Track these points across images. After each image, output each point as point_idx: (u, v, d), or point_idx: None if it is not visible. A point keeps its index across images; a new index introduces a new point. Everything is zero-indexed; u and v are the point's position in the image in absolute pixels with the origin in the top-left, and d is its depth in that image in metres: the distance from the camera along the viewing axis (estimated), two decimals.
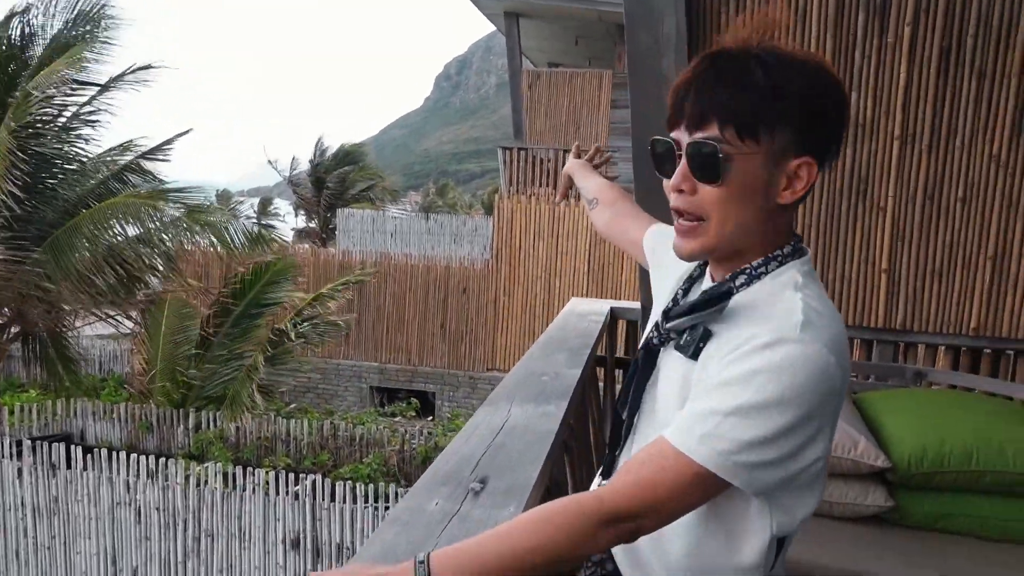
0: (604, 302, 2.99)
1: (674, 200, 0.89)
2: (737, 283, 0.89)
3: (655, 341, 0.95)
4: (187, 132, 8.99)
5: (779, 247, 0.90)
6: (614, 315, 2.93)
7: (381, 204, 21.40)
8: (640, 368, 0.96)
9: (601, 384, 2.93)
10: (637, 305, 2.89)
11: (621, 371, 2.99)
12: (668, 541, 0.91)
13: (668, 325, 0.92)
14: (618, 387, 2.99)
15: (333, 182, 20.76)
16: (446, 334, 11.96)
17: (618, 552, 0.98)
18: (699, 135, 0.85)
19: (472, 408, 10.18)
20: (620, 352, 3.02)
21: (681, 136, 0.88)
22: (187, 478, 5.79)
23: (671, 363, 0.92)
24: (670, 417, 0.87)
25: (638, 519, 0.80)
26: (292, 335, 8.16)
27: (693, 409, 0.82)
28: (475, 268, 11.87)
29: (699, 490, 0.81)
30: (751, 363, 0.79)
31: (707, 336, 0.87)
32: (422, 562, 0.78)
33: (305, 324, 8.40)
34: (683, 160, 0.87)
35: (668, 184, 0.89)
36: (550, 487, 1.42)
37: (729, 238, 0.88)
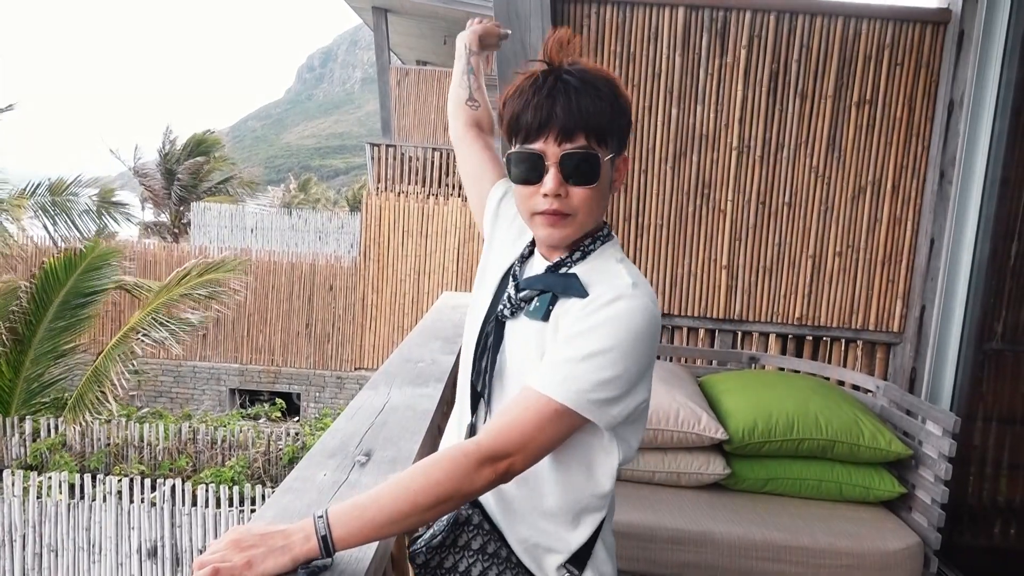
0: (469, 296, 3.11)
1: (549, 203, 1.01)
2: (575, 257, 1.07)
3: (506, 313, 1.09)
4: (8, 108, 8.19)
5: (600, 229, 1.10)
6: None
7: (239, 198, 20.43)
8: (493, 338, 1.09)
9: None
10: None
11: None
12: (540, 483, 1.05)
13: (521, 295, 1.07)
14: None
15: (185, 173, 19.57)
16: (311, 334, 11.68)
17: (493, 507, 1.10)
18: (571, 146, 1.00)
19: (340, 408, 10.01)
20: None
21: (547, 147, 1.00)
22: (26, 490, 5.33)
23: (520, 329, 1.07)
24: (522, 376, 1.01)
25: (510, 456, 0.92)
26: (143, 334, 7.69)
27: (552, 359, 0.97)
28: (342, 266, 11.67)
29: (561, 426, 0.95)
30: (597, 317, 0.97)
31: (554, 300, 1.03)
32: (321, 516, 0.86)
33: (158, 323, 7.94)
34: (556, 168, 1.00)
35: (540, 189, 1.01)
36: None
37: (588, 226, 1.05)
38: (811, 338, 3.16)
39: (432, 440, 1.41)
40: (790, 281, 3.09)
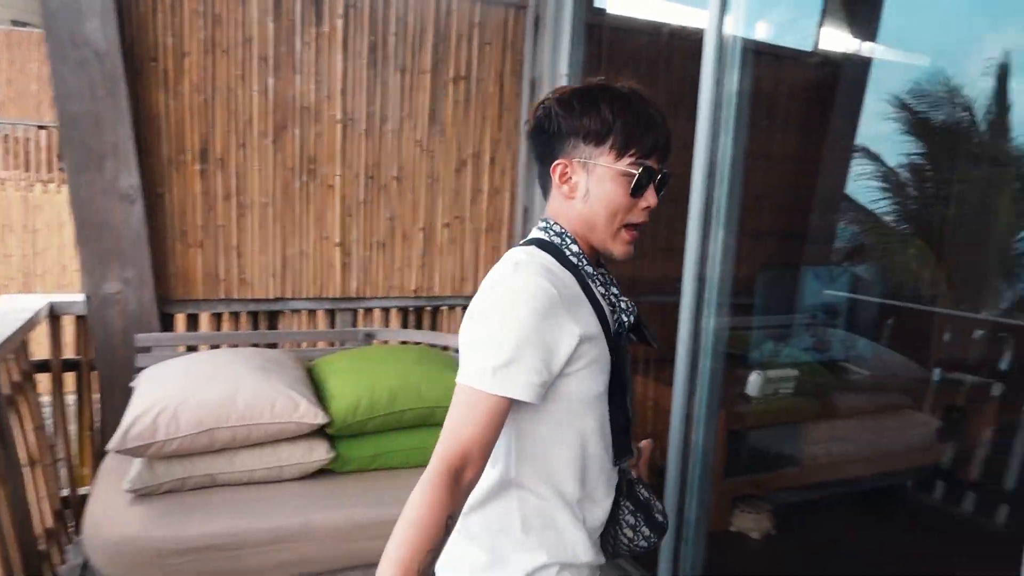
0: (39, 297, 2.62)
1: (645, 216, 1.12)
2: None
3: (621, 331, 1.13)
4: None
5: None
6: (55, 311, 2.59)
7: None
8: (623, 357, 1.13)
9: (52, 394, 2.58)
10: (82, 297, 2.60)
11: (76, 373, 2.67)
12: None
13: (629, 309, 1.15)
14: (71, 395, 2.68)
15: None
16: None
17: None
18: (663, 167, 1.12)
19: None
20: (71, 353, 2.68)
21: (655, 165, 1.11)
22: None
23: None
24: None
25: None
26: None
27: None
28: None
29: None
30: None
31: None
32: None
33: None
34: (654, 185, 1.10)
35: (640, 204, 1.11)
36: None
37: None
38: (429, 308, 3.26)
39: None
40: (404, 254, 3.13)
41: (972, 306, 3.59)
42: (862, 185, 3.82)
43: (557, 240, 1.12)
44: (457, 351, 3.11)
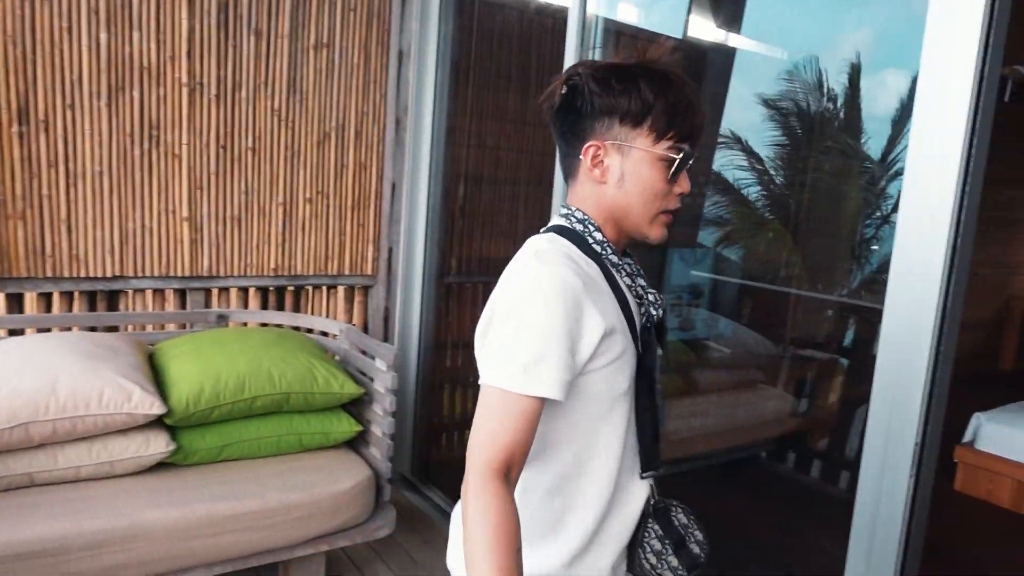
0: None
1: (678, 202, 1.05)
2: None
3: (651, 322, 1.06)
4: None
5: None
6: None
7: None
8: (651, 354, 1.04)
9: None
10: None
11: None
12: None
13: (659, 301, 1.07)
14: None
15: None
16: None
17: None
18: (695, 150, 1.03)
19: None
20: None
21: (688, 148, 1.02)
22: None
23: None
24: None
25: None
26: None
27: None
28: None
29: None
30: None
31: None
32: None
33: None
34: (686, 169, 1.03)
35: (676, 189, 1.03)
36: None
37: None
38: (292, 288, 3.10)
39: None
40: (262, 231, 2.94)
41: (825, 287, 3.82)
42: (727, 171, 3.97)
43: (579, 227, 1.04)
44: (324, 333, 3.01)
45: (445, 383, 3.44)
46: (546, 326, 0.91)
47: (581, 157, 1.02)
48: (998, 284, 6.05)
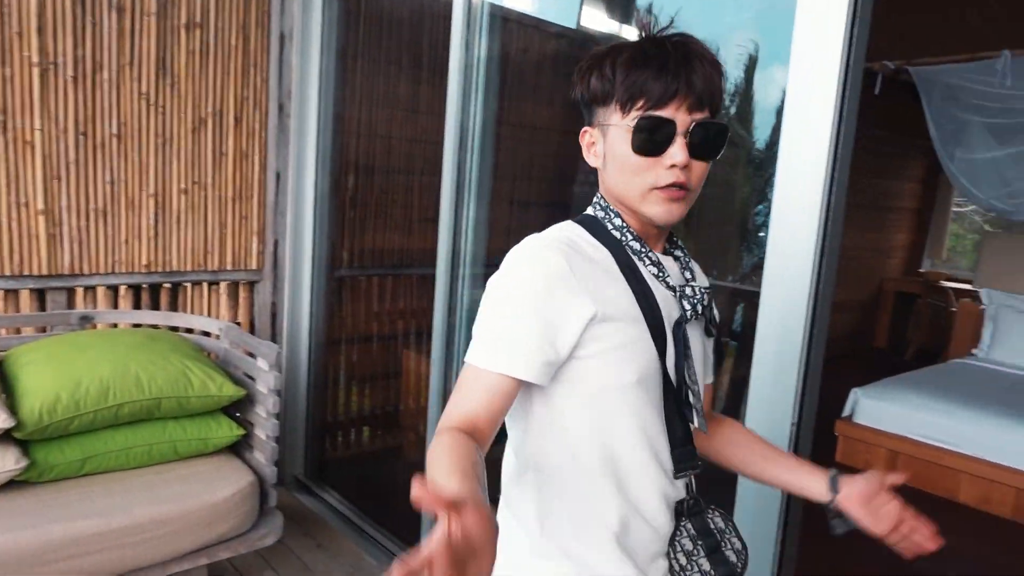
0: None
1: (675, 176, 0.94)
2: (676, 245, 1.10)
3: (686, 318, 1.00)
4: None
5: None
6: None
7: None
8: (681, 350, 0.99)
9: None
10: None
11: None
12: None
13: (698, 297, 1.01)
14: None
15: None
16: None
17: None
18: (702, 116, 0.94)
19: None
20: None
21: (678, 115, 0.93)
22: None
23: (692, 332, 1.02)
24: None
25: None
26: None
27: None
28: None
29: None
30: None
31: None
32: None
33: None
34: (683, 138, 0.93)
35: (664, 161, 0.94)
36: None
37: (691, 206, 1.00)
38: (168, 286, 2.89)
39: None
40: (131, 224, 2.73)
41: (720, 274, 3.94)
42: None
43: (601, 214, 1.02)
44: (207, 334, 2.83)
45: (340, 380, 3.32)
46: (517, 305, 0.91)
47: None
48: (873, 267, 6.45)
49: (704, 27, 1.03)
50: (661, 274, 1.00)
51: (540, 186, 3.85)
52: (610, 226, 1.01)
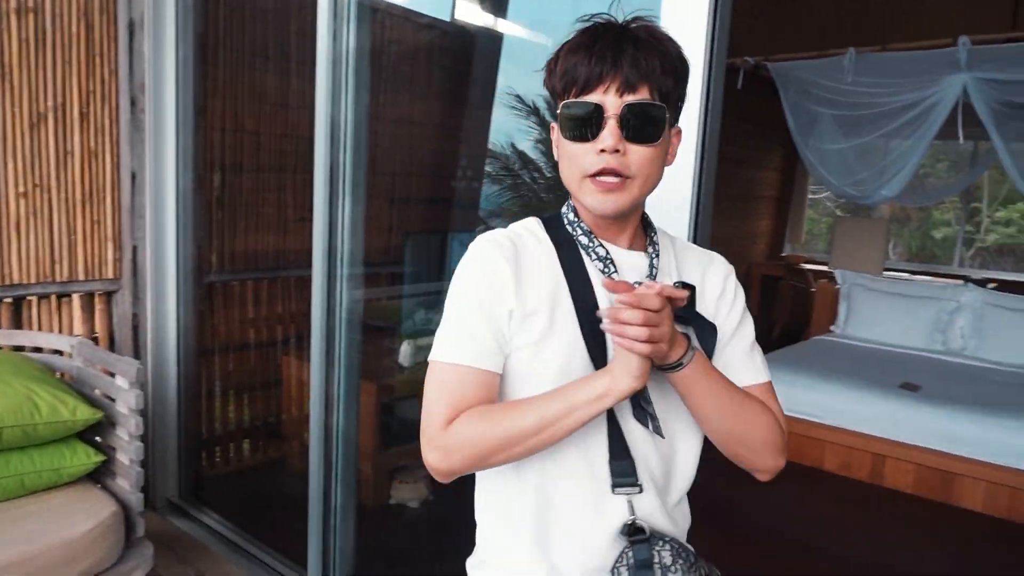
0: None
1: (605, 161, 0.91)
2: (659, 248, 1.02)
3: None
4: None
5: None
6: None
7: None
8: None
9: None
10: None
11: None
12: None
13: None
14: None
15: None
16: None
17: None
18: (634, 98, 0.90)
19: None
20: None
21: (607, 99, 0.90)
22: None
23: None
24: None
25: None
26: None
27: None
28: None
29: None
30: None
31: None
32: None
33: None
34: (615, 121, 0.90)
35: (596, 146, 0.91)
36: None
37: (644, 195, 0.96)
38: (10, 300, 2.60)
39: None
40: None
41: None
42: (499, 154, 4.01)
43: (564, 209, 1.03)
44: (56, 352, 2.57)
45: (215, 392, 3.13)
46: (463, 300, 0.95)
47: None
48: (740, 254, 6.83)
49: (569, 25, 1.01)
50: (607, 270, 0.96)
51: (420, 182, 3.78)
52: (565, 221, 1.01)
